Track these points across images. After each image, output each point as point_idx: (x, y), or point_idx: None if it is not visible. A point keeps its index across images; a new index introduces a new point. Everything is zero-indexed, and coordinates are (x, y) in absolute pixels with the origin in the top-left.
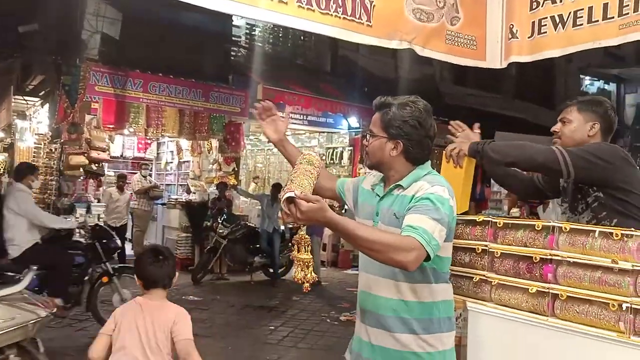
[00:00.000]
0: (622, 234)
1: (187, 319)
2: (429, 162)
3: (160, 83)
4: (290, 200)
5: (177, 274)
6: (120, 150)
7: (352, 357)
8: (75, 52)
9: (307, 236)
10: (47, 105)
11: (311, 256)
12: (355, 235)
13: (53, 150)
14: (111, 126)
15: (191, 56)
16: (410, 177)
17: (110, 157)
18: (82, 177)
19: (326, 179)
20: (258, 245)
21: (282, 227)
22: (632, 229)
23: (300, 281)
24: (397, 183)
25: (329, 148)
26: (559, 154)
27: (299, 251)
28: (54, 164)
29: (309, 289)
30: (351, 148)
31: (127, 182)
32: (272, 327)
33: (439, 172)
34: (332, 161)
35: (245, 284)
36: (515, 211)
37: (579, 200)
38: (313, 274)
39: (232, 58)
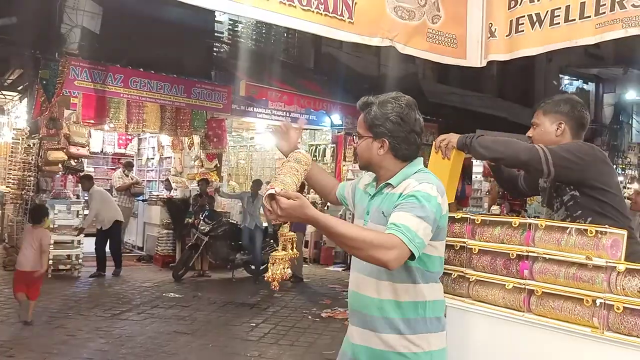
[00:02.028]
0: (596, 231)
1: (49, 235)
2: (421, 159)
3: (141, 78)
4: (272, 197)
5: (46, 218)
6: (101, 146)
7: (340, 355)
8: (54, 46)
9: (291, 234)
10: (25, 100)
11: (284, 252)
12: (336, 232)
13: (31, 145)
14: (91, 121)
15: (173, 51)
16: (400, 175)
17: (90, 152)
18: (60, 173)
19: (327, 179)
20: (240, 242)
21: (265, 224)
22: (607, 226)
23: (270, 278)
24: (387, 182)
25: (312, 145)
26: (541, 153)
27: (284, 249)
28: (32, 159)
29: (277, 287)
30: (334, 145)
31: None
32: (254, 324)
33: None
34: (315, 158)
35: (226, 281)
36: (495, 208)
37: (554, 198)
38: (287, 270)
39: (215, 54)
